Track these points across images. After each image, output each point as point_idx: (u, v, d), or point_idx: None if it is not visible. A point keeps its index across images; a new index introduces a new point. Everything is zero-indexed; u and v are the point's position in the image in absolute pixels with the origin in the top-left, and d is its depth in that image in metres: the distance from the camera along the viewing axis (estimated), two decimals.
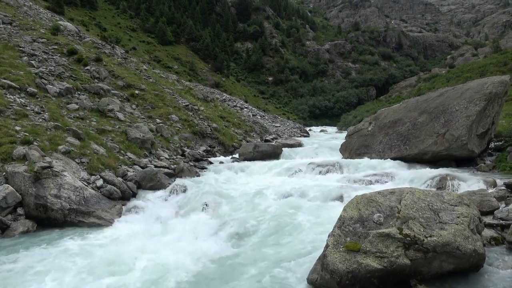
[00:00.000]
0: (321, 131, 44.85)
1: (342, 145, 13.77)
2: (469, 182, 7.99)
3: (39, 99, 11.85)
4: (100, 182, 8.57)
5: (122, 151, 10.87)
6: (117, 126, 12.36)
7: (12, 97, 10.95)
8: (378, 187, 8.36)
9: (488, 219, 5.79)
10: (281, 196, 8.43)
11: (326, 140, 22.88)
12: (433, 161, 10.56)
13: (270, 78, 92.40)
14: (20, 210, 7.29)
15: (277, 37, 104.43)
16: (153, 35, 74.52)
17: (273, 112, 64.51)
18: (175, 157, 12.62)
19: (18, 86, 11.68)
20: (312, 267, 4.73)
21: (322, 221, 6.74)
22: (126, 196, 8.72)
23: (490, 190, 7.23)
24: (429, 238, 4.23)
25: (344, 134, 16.49)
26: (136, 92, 16.52)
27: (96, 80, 15.70)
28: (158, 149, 12.45)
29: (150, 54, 66.16)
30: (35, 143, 8.70)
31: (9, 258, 5.76)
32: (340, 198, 7.93)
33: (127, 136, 11.83)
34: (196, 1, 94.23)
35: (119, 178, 9.02)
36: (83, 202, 7.66)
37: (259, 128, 24.47)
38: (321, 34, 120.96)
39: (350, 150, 12.98)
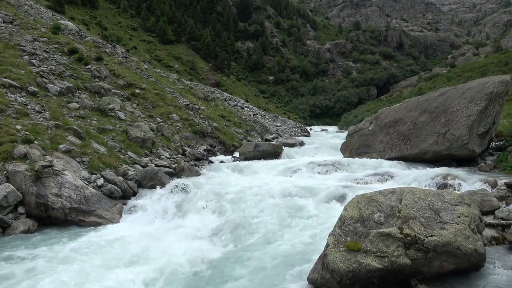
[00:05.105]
0: (322, 130, 44.93)
1: (342, 144, 13.77)
2: (470, 182, 7.99)
3: (40, 98, 11.86)
4: (100, 181, 8.57)
5: (122, 150, 10.87)
6: (118, 125, 12.36)
7: (13, 96, 10.96)
8: (378, 187, 8.34)
9: (488, 219, 5.79)
10: (282, 196, 8.41)
11: (326, 140, 22.89)
12: (434, 161, 10.54)
13: (271, 78, 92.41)
14: (21, 209, 7.31)
15: (278, 37, 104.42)
16: (154, 34, 74.56)
17: (273, 111, 64.50)
18: (175, 156, 12.61)
19: (19, 85, 11.69)
20: (313, 266, 4.73)
21: (322, 221, 6.74)
22: (126, 195, 8.73)
23: (490, 190, 7.24)
24: (429, 238, 4.23)
25: (345, 133, 16.48)
26: (137, 91, 16.51)
27: (97, 79, 15.70)
28: (159, 148, 12.45)
29: (151, 53, 66.20)
30: (35, 142, 8.70)
31: (11, 257, 5.76)
32: (341, 198, 7.92)
33: (127, 135, 11.84)
34: (197, 0, 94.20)
35: (120, 177, 9.02)
36: (83, 201, 7.67)
37: (259, 128, 24.46)
38: (322, 33, 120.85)
39: (350, 150, 12.97)
